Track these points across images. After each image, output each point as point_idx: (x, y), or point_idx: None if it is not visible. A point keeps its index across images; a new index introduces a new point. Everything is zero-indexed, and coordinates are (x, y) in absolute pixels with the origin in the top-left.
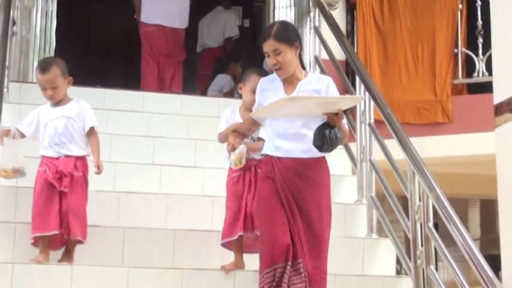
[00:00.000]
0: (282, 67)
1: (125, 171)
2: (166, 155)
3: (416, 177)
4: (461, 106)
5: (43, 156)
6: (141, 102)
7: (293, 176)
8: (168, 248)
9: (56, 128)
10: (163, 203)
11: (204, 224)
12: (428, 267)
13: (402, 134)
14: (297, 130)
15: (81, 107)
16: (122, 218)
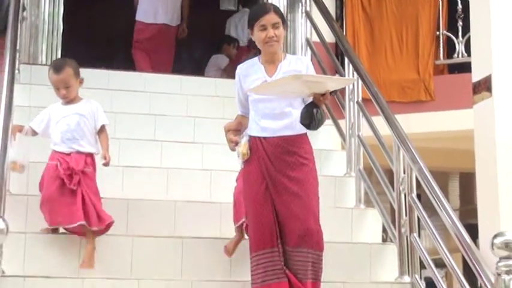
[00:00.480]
0: (278, 40)
1: (128, 147)
2: (167, 131)
3: (401, 152)
4: (443, 85)
5: (54, 151)
6: (142, 82)
7: (281, 153)
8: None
9: (68, 125)
10: (164, 176)
11: (203, 195)
12: (411, 234)
13: (388, 111)
14: (282, 109)
15: (93, 107)
16: (126, 190)
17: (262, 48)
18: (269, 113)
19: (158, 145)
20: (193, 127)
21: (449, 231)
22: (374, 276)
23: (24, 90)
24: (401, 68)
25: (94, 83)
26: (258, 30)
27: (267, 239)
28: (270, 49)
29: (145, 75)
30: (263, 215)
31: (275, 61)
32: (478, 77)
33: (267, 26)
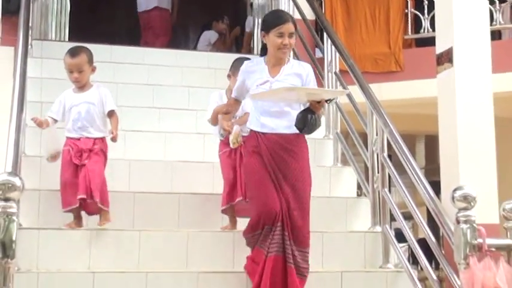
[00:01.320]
0: (290, 49)
1: (130, 114)
2: (164, 99)
3: (374, 117)
4: (411, 57)
5: (67, 137)
6: (142, 56)
7: (278, 149)
8: (166, 175)
9: (79, 113)
10: (162, 139)
11: (196, 156)
12: (383, 189)
13: (362, 81)
14: (281, 108)
15: (101, 93)
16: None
17: (274, 52)
18: (268, 111)
19: (156, 112)
20: (188, 96)
21: (416, 187)
22: (349, 226)
23: (36, 63)
24: (374, 42)
25: (98, 57)
26: (274, 36)
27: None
28: (282, 55)
29: (144, 49)
30: (268, 196)
31: (279, 64)
32: (441, 50)
33: (285, 35)
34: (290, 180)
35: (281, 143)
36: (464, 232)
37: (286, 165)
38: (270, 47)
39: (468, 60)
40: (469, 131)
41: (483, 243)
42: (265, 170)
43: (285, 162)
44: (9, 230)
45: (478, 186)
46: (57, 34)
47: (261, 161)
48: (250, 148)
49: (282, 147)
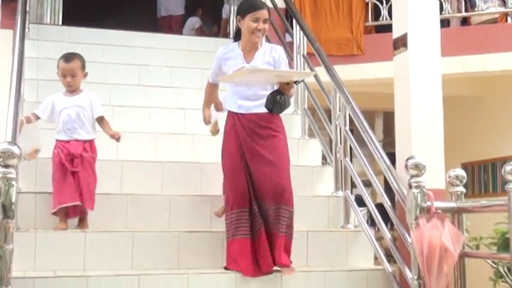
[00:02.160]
0: (263, 34)
1: (118, 91)
2: (149, 78)
3: (338, 94)
4: (370, 42)
5: (57, 139)
6: (129, 39)
7: (254, 127)
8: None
9: (69, 116)
10: (147, 112)
11: (177, 128)
12: (344, 159)
13: (327, 63)
14: (256, 92)
15: (91, 99)
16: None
17: (248, 36)
18: (244, 94)
19: (142, 89)
20: (170, 75)
21: (375, 157)
22: (315, 191)
23: (33, 44)
24: (338, 28)
25: (89, 40)
26: (250, 20)
27: (240, 200)
28: (256, 39)
29: (131, 33)
30: (238, 179)
31: (253, 49)
32: (397, 35)
33: (259, 20)
34: (265, 153)
35: (256, 121)
36: (415, 196)
37: (262, 140)
38: (244, 31)
39: (420, 44)
40: (421, 108)
41: (431, 206)
42: (239, 151)
43: (261, 136)
44: (9, 193)
45: (428, 156)
46: (52, 18)
47: (236, 142)
48: (227, 128)
49: (258, 124)
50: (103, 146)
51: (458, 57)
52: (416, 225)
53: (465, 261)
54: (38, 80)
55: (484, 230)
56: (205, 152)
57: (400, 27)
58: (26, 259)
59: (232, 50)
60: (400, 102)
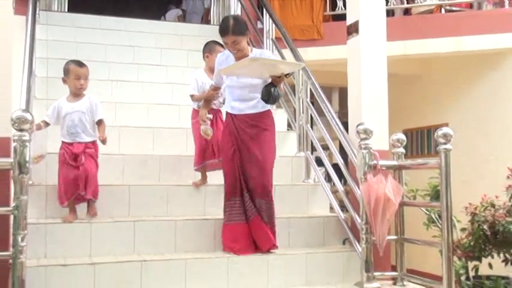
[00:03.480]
0: (240, 51)
1: (116, 69)
2: (142, 57)
3: (300, 72)
4: (328, 28)
5: (62, 141)
6: (125, 25)
7: (245, 126)
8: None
9: (72, 121)
10: (140, 87)
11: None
12: (306, 125)
13: (292, 46)
14: (247, 94)
15: (92, 103)
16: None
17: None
18: (237, 97)
19: (136, 67)
20: (160, 55)
21: (332, 125)
22: (281, 152)
23: (43, 28)
24: (301, 17)
25: (91, 25)
26: (224, 43)
27: (233, 191)
28: (235, 56)
29: (126, 20)
30: (231, 172)
31: (244, 56)
32: (350, 22)
33: (228, 43)
34: (253, 148)
35: (247, 121)
36: (364, 156)
37: (250, 137)
38: None
39: (369, 30)
40: (369, 84)
41: (377, 164)
42: (232, 147)
43: (250, 136)
44: (24, 152)
45: (375, 123)
46: (59, 6)
47: (230, 139)
48: (225, 125)
49: (248, 124)
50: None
51: (400, 41)
52: (365, 180)
53: (404, 209)
54: (47, 58)
55: (419, 183)
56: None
57: (352, 16)
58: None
59: (227, 58)
60: (353, 79)
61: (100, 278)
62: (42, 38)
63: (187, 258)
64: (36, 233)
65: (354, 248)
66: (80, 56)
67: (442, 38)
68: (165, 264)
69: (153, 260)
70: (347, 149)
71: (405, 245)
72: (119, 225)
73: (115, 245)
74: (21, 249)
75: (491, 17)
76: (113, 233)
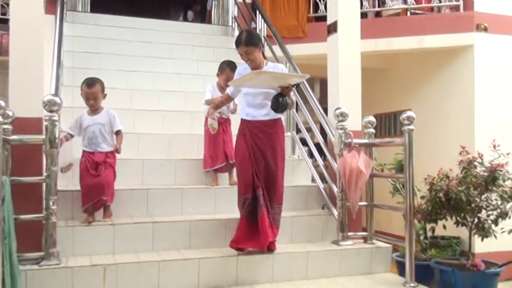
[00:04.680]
0: (252, 61)
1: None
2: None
3: (288, 64)
4: (311, 28)
5: (84, 151)
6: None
7: (258, 132)
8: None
9: (93, 132)
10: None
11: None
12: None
13: (281, 42)
14: (260, 101)
15: (110, 116)
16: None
17: None
18: (251, 103)
19: (149, 59)
20: (169, 50)
21: (314, 110)
22: None
23: (69, 26)
24: (289, 18)
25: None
26: (239, 54)
27: (246, 189)
28: (250, 66)
29: (141, 19)
30: (246, 173)
31: (259, 67)
32: (330, 22)
33: (242, 54)
34: (266, 153)
35: (260, 127)
36: (340, 135)
37: (263, 142)
38: None
39: (346, 30)
40: (344, 75)
41: (351, 142)
42: (247, 150)
43: (262, 141)
44: (53, 131)
45: (350, 108)
46: (83, 7)
47: (245, 143)
48: (240, 131)
49: (261, 130)
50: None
51: (372, 39)
52: (341, 155)
53: (373, 180)
54: (73, 51)
55: (386, 158)
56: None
57: (332, 17)
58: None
59: (245, 69)
60: (332, 71)
61: (118, 236)
62: (68, 34)
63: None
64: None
65: (331, 212)
66: (100, 49)
67: (407, 36)
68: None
69: (162, 221)
70: (326, 129)
71: (374, 209)
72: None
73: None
74: (52, 211)
75: (448, 20)
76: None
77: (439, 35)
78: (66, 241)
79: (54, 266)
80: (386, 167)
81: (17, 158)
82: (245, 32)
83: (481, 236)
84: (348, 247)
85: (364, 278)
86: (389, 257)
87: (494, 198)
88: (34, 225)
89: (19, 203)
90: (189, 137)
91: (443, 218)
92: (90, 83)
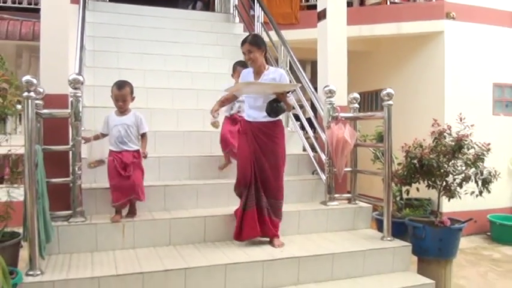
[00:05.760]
0: (252, 61)
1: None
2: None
3: (282, 48)
4: (304, 15)
5: (110, 150)
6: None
7: (259, 133)
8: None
9: (119, 131)
10: (163, 59)
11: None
12: None
13: (276, 28)
14: (261, 104)
15: (137, 118)
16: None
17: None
18: (252, 105)
19: (160, 43)
20: (178, 35)
21: (306, 88)
22: None
23: (91, 13)
24: (283, 6)
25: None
26: (243, 53)
27: (245, 183)
28: (251, 66)
29: (152, 8)
30: (246, 169)
31: (260, 71)
32: (319, 10)
33: (245, 52)
34: (267, 153)
35: (261, 128)
36: (328, 110)
37: (264, 143)
38: None
39: (334, 17)
40: (334, 57)
41: (338, 116)
42: (248, 148)
43: (263, 141)
44: (77, 106)
45: (337, 86)
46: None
47: (246, 142)
48: (243, 130)
49: (262, 131)
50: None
51: (357, 26)
52: (329, 127)
53: (357, 149)
54: (94, 36)
55: (369, 130)
56: (200, 84)
57: (321, 5)
58: (90, 208)
59: (248, 73)
60: (321, 54)
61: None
62: (90, 20)
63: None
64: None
65: (320, 177)
66: (117, 34)
67: (387, 23)
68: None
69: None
70: (316, 105)
71: (357, 175)
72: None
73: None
74: (78, 175)
75: (422, 8)
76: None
77: (415, 22)
78: (90, 202)
79: (81, 222)
80: (368, 137)
81: (47, 129)
82: (252, 34)
83: (448, 197)
84: (334, 207)
85: (348, 233)
86: (369, 215)
87: (459, 165)
88: (63, 187)
89: (50, 169)
90: (195, 111)
91: (417, 182)
92: (120, 86)
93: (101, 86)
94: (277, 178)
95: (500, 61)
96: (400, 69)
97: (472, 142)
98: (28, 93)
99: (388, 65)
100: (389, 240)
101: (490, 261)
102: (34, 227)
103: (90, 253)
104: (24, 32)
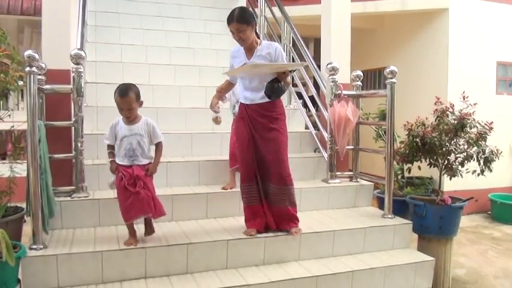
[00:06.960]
0: (243, 40)
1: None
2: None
3: (286, 24)
4: None
5: (119, 164)
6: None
7: (257, 116)
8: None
9: (130, 143)
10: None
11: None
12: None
13: (280, 4)
14: (257, 85)
15: (149, 126)
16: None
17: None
18: (248, 87)
19: (162, 19)
20: (180, 10)
21: (309, 65)
22: None
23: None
24: None
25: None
26: (231, 32)
27: (248, 176)
28: (242, 45)
29: None
30: (246, 161)
31: (252, 48)
32: None
33: (234, 32)
34: (267, 137)
35: (258, 110)
36: (332, 87)
37: (263, 127)
38: None
39: None
40: (337, 34)
41: (341, 93)
42: (248, 134)
43: (262, 124)
44: (79, 81)
45: (340, 63)
46: None
47: (245, 127)
48: (239, 114)
49: (259, 113)
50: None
51: (360, 2)
52: (332, 105)
53: (360, 127)
54: (95, 11)
55: (371, 108)
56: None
57: None
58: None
59: (238, 50)
60: (325, 31)
61: None
62: (91, 9)
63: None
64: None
65: (322, 154)
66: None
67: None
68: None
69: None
70: (319, 82)
71: (359, 153)
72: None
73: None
74: (80, 151)
75: None
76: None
77: None
78: (92, 177)
79: (83, 198)
80: (371, 115)
81: (49, 105)
82: (238, 8)
83: (450, 175)
84: (335, 185)
85: (349, 210)
86: (371, 193)
87: (461, 143)
88: (66, 163)
89: (52, 144)
90: (198, 88)
91: (419, 160)
92: (122, 93)
93: (103, 62)
94: (282, 161)
95: (505, 39)
96: (404, 47)
97: (475, 121)
98: (30, 68)
99: (392, 43)
100: (390, 218)
101: (490, 240)
102: (37, 202)
103: (93, 228)
104: (25, 6)
